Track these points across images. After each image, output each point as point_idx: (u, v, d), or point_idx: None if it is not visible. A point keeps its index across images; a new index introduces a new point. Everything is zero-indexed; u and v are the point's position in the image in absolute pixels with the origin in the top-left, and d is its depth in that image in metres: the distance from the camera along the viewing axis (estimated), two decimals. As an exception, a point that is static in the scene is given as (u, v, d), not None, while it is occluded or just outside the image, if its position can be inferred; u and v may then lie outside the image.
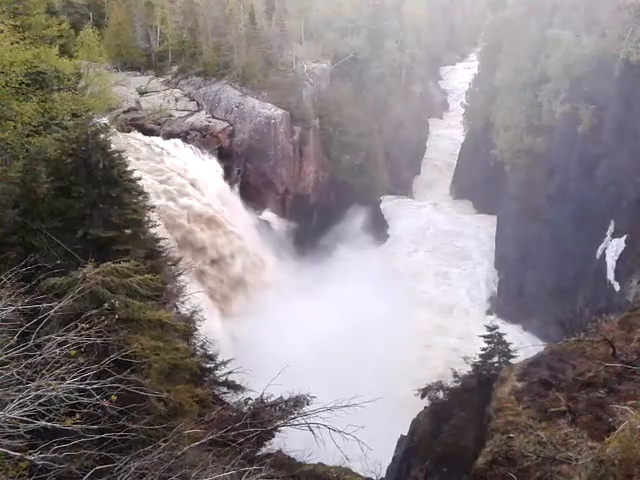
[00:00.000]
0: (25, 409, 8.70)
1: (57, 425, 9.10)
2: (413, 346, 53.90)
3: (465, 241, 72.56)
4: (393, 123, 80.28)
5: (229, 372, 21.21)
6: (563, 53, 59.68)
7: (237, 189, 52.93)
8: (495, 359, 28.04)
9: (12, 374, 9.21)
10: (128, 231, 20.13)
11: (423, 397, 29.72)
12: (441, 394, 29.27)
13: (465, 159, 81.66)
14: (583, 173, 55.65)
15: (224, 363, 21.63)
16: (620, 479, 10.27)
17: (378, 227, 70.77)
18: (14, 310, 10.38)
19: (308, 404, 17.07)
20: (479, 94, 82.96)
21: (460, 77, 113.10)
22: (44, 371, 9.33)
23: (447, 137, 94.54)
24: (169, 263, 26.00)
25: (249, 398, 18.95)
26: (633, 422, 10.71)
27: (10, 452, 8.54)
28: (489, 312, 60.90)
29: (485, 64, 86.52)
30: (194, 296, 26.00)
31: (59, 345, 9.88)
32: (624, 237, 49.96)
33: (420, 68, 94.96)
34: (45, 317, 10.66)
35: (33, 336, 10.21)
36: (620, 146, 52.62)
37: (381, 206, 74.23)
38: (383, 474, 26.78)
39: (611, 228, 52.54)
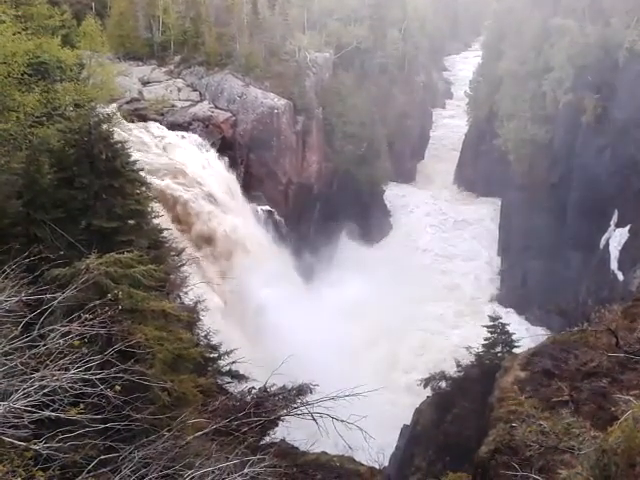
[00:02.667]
0: (29, 399, 8.75)
1: (61, 415, 9.15)
2: (416, 335, 54.10)
3: (468, 230, 72.51)
4: (396, 113, 79.93)
5: (232, 362, 21.33)
6: (567, 42, 59.27)
7: (240, 179, 52.79)
8: (498, 349, 28.12)
9: (16, 364, 9.26)
10: (131, 222, 20.11)
11: (426, 387, 29.84)
12: (444, 384, 29.38)
13: (469, 148, 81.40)
14: (587, 163, 55.46)
15: (227, 353, 21.75)
16: (623, 468, 10.30)
17: (381, 217, 70.74)
18: (18, 301, 10.42)
19: (311, 393, 17.14)
20: (483, 83, 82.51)
21: (464, 66, 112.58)
22: (48, 361, 9.37)
23: (450, 126, 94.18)
24: (172, 253, 26.06)
25: (252, 387, 19.06)
26: (636, 412, 10.72)
27: (15, 442, 8.60)
28: (492, 301, 60.92)
29: (489, 53, 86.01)
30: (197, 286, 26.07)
31: (63, 335, 9.91)
32: (628, 227, 49.88)
33: (423, 57, 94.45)
34: (49, 308, 10.69)
35: (37, 327, 10.25)
36: (624, 136, 52.41)
37: (384, 196, 74.15)
38: (386, 463, 26.98)
39: (615, 218, 52.43)
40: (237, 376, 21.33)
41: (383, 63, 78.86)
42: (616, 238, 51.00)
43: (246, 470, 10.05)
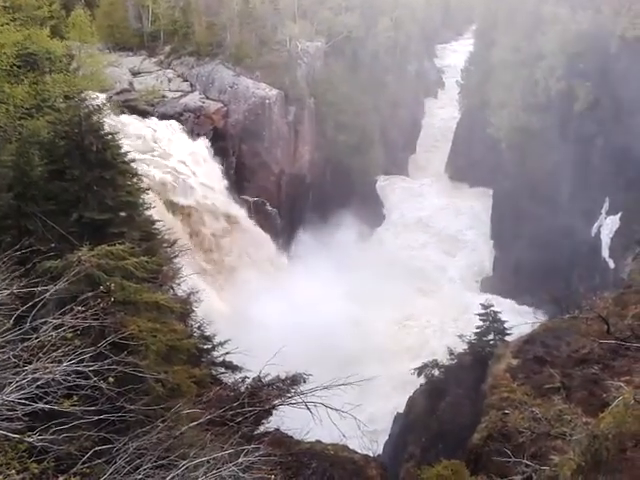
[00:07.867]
0: (22, 392, 8.76)
1: (55, 407, 9.16)
2: (407, 324, 54.30)
3: (461, 219, 72.57)
4: (388, 102, 79.72)
5: (226, 352, 21.34)
6: (559, 30, 59.22)
7: (232, 170, 52.62)
8: (490, 337, 28.28)
9: (9, 357, 9.26)
10: (123, 213, 20.03)
11: (419, 375, 29.99)
12: (437, 372, 29.54)
13: (461, 137, 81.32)
14: (579, 150, 55.55)
15: (221, 344, 21.76)
16: (614, 453, 10.42)
17: (373, 206, 70.68)
18: (9, 294, 10.40)
19: (305, 383, 17.21)
20: (475, 72, 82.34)
21: (456, 55, 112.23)
22: (41, 354, 9.37)
23: (443, 115, 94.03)
24: (165, 245, 26.00)
25: (246, 377, 19.10)
26: (627, 398, 10.83)
27: (9, 434, 8.61)
28: (484, 289, 61.12)
29: (481, 41, 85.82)
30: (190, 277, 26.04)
31: (55, 328, 9.91)
32: (619, 215, 50.05)
33: (415, 46, 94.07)
34: (41, 300, 10.67)
35: (29, 319, 10.23)
36: (616, 123, 52.47)
37: (377, 185, 74.11)
38: (380, 451, 27.15)
39: (606, 206, 52.60)
40: (231, 366, 21.35)
41: (375, 51, 78.58)
42: (607, 226, 51.19)
43: (241, 459, 10.09)
